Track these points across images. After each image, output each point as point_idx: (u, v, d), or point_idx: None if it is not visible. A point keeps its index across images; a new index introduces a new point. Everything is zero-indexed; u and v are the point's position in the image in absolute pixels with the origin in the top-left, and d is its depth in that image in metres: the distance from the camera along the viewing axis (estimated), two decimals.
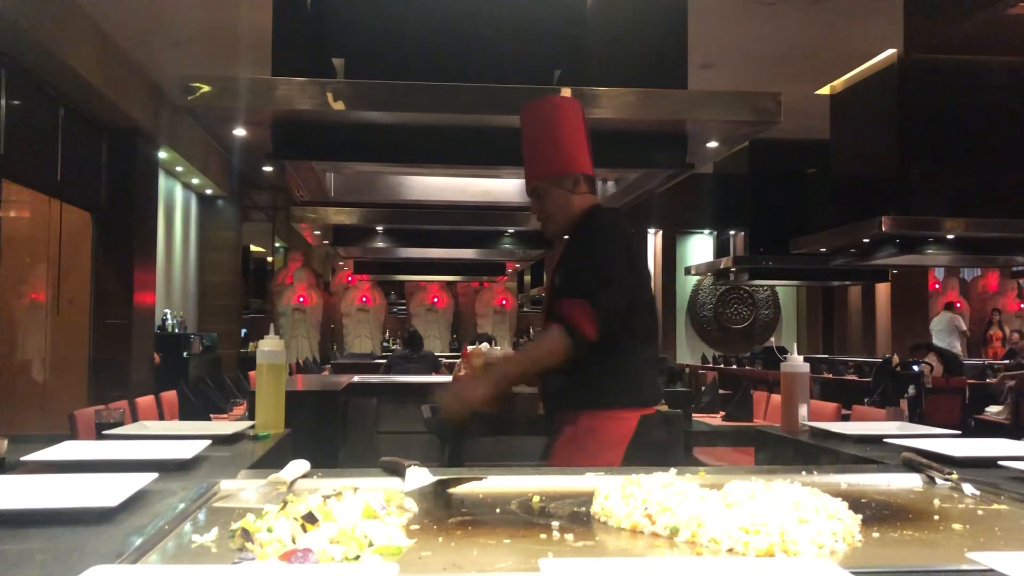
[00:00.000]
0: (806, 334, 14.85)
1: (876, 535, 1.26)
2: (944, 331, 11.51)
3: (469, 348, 4.71)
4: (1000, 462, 1.73)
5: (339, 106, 3.85)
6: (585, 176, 2.40)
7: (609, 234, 2.32)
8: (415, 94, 3.86)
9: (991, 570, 0.96)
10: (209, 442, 1.93)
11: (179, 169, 10.39)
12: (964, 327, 12.16)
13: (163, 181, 9.97)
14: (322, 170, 4.96)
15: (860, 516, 1.30)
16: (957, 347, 11.47)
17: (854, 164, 7.81)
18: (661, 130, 4.44)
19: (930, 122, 6.97)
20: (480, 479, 1.59)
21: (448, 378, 5.33)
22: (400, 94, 3.85)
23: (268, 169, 11.48)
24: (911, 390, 6.99)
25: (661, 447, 2.24)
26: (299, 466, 1.61)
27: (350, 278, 14.98)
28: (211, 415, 4.39)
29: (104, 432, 2.13)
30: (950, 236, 7.41)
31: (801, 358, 2.52)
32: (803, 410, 2.41)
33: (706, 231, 13.41)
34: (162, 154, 9.27)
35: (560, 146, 2.40)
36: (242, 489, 1.55)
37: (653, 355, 2.38)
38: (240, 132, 4.58)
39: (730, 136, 4.45)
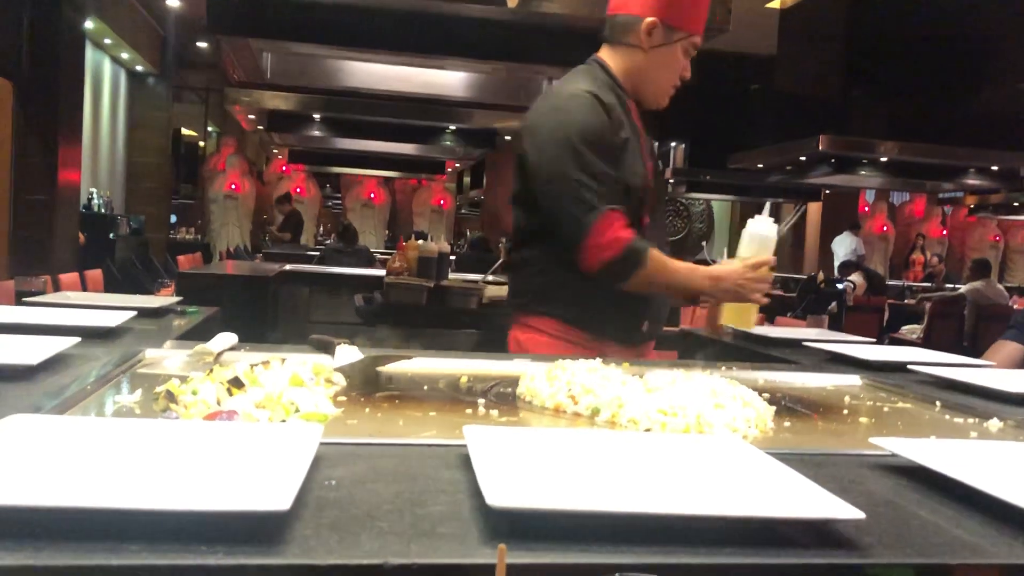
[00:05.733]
0: (737, 248, 15.10)
1: (787, 424, 1.31)
2: (840, 252, 11.76)
3: (405, 242, 4.70)
4: (909, 366, 1.81)
5: None
6: None
7: None
8: None
9: (893, 454, 1.01)
10: (134, 313, 1.90)
11: (107, 41, 9.91)
12: (862, 251, 12.34)
13: (90, 53, 9.51)
14: (259, 49, 4.79)
15: (774, 407, 1.35)
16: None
17: (798, 82, 7.84)
18: None
19: (875, 44, 7.01)
20: (409, 358, 1.60)
21: (382, 272, 5.31)
22: None
23: (203, 46, 11.06)
24: (833, 306, 7.23)
25: None
26: (227, 338, 1.60)
27: (284, 167, 14.68)
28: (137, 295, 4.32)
29: (24, 300, 2.08)
30: (883, 159, 7.56)
31: None
32: None
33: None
34: (89, 24, 8.82)
35: None
36: (167, 358, 1.54)
37: None
38: (174, 3, 4.37)
39: None
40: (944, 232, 16.21)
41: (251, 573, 0.63)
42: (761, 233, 1.97)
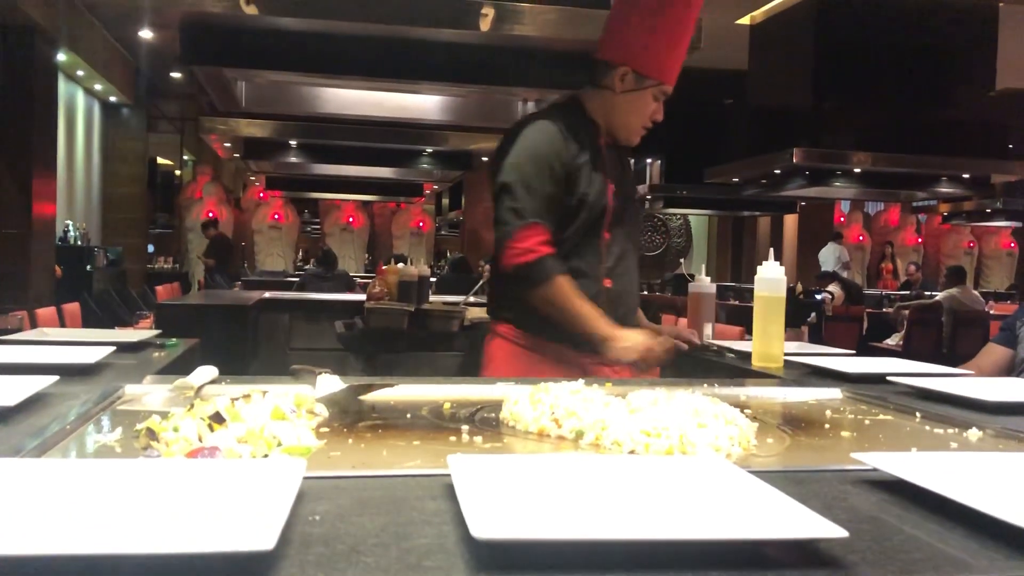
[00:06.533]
0: (715, 262, 15.21)
1: (770, 441, 1.32)
2: (826, 262, 11.95)
3: (385, 266, 4.70)
4: (889, 378, 1.82)
5: (251, 10, 3.70)
6: None
7: None
8: (332, 0, 3.74)
9: (875, 469, 1.02)
10: (113, 348, 1.88)
11: (80, 73, 9.87)
12: (846, 258, 12.60)
13: (63, 85, 9.47)
14: (233, 78, 4.78)
15: (756, 424, 1.36)
16: (844, 276, 11.95)
17: (770, 96, 7.93)
18: (583, 51, 4.42)
19: (845, 56, 7.11)
20: (391, 386, 1.60)
21: (363, 297, 5.30)
22: (316, 0, 3.72)
23: (176, 76, 11.03)
24: (812, 317, 7.28)
25: None
26: (207, 372, 1.60)
27: (262, 194, 14.65)
28: (116, 328, 4.29)
29: (1, 339, 2.06)
30: (857, 170, 7.64)
31: (708, 279, 2.58)
32: (708, 329, 2.48)
33: None
34: (61, 56, 8.78)
35: None
36: (147, 394, 1.53)
37: None
38: (146, 35, 4.37)
39: None
40: (919, 240, 16.39)
41: None
42: (770, 277, 2.15)
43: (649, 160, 11.76)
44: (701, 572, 0.71)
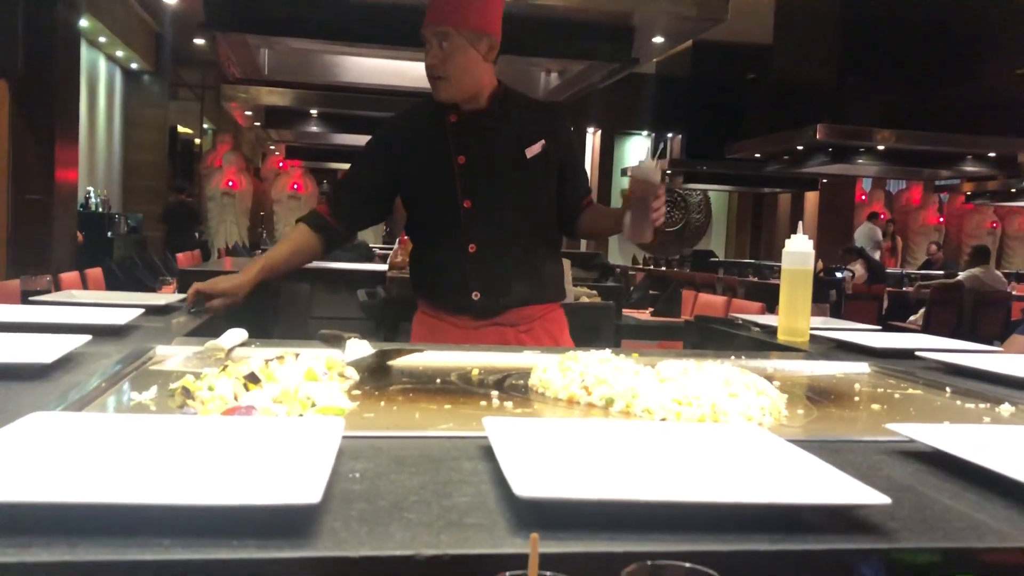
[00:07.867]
0: (735, 239, 15.12)
1: (800, 412, 1.32)
2: (861, 241, 11.92)
3: (407, 236, 4.70)
4: (917, 353, 1.81)
5: None
6: (495, 44, 2.10)
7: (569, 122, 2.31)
8: None
9: (911, 440, 1.01)
10: (142, 311, 1.90)
11: (102, 40, 9.88)
12: (879, 238, 12.59)
13: (85, 52, 9.48)
14: (256, 45, 4.78)
15: (786, 396, 1.35)
16: (876, 257, 11.91)
17: (793, 71, 7.84)
18: (608, 21, 4.39)
19: (870, 32, 7.01)
20: (420, 351, 1.61)
21: (384, 267, 5.31)
22: None
23: (199, 42, 11.02)
24: (832, 295, 7.24)
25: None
26: (237, 334, 1.61)
27: (281, 164, 14.65)
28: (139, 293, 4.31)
29: (31, 299, 2.07)
30: (880, 147, 7.56)
31: (655, 163, 2.18)
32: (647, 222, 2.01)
33: (644, 133, 13.41)
34: (84, 22, 8.78)
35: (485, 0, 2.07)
36: (178, 355, 1.54)
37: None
38: (170, 0, 4.37)
39: (675, 31, 4.41)
40: (941, 219, 16.22)
41: (285, 566, 0.63)
42: (798, 251, 2.09)
43: (670, 135, 11.67)
44: (742, 535, 0.71)
